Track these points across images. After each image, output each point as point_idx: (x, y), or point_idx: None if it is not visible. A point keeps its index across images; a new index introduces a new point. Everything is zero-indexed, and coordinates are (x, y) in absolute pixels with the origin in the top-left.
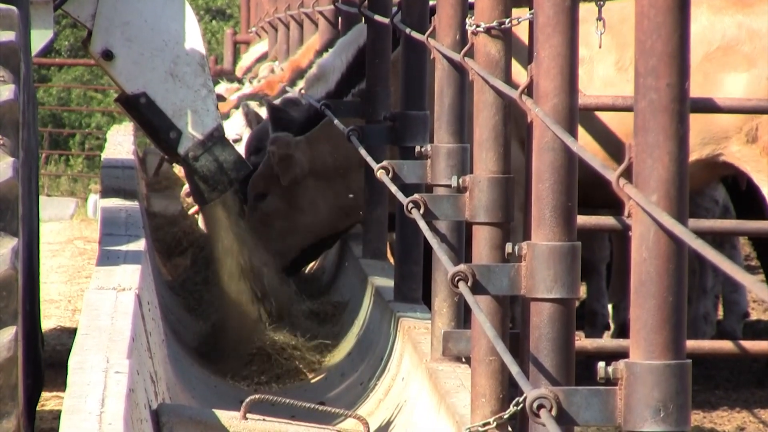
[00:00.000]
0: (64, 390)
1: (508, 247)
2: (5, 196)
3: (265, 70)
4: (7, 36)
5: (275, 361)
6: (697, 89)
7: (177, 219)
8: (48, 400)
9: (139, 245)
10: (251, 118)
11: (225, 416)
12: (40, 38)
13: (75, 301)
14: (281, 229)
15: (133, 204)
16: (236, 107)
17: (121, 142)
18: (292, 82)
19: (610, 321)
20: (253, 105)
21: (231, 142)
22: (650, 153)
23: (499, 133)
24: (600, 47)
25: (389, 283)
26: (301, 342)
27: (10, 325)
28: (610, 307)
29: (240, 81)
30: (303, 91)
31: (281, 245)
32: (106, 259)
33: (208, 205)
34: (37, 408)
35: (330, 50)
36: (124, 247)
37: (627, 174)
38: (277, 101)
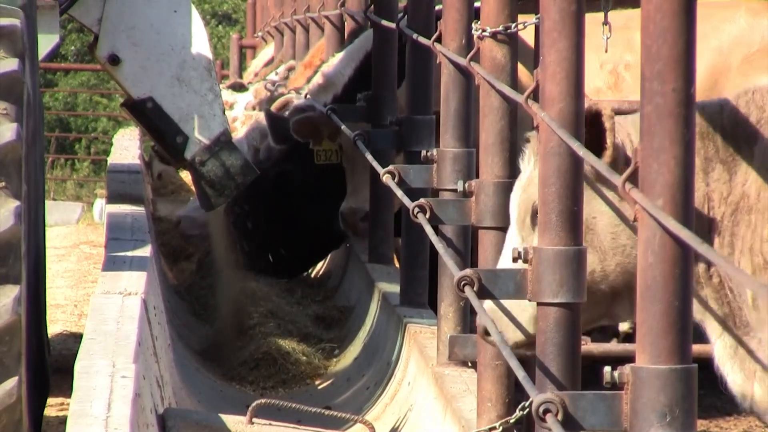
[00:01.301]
0: (70, 395)
1: (514, 252)
2: (8, 242)
3: (283, 71)
4: (10, 65)
5: (281, 365)
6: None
7: None
8: (54, 406)
9: (145, 250)
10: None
11: (231, 421)
12: (46, 43)
13: (81, 305)
14: None
15: (139, 209)
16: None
17: (127, 146)
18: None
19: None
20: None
21: (237, 146)
22: (656, 157)
23: (505, 138)
24: (606, 51)
25: (395, 287)
26: (307, 346)
27: (13, 373)
28: None
29: (242, 88)
30: (308, 96)
31: None
32: (112, 263)
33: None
34: (44, 413)
35: (335, 55)
36: (130, 252)
37: (633, 178)
38: (281, 106)
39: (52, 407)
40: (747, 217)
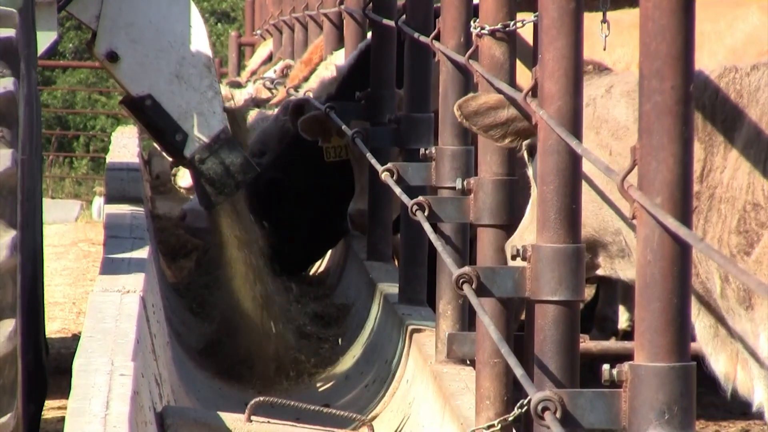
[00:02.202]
0: (68, 394)
1: (513, 250)
2: (4, 185)
3: (281, 69)
4: (6, 32)
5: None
6: None
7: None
8: (53, 404)
9: (144, 248)
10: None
11: (229, 418)
12: (44, 40)
13: (79, 303)
14: None
15: (137, 207)
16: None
17: (126, 144)
18: (306, 79)
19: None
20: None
21: (238, 144)
22: (655, 155)
23: None
24: (604, 49)
25: (394, 285)
26: (305, 344)
27: (9, 317)
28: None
29: (239, 87)
30: (311, 94)
31: None
32: (111, 261)
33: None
34: (42, 413)
35: (334, 53)
36: (128, 250)
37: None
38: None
39: (50, 405)
40: (718, 206)
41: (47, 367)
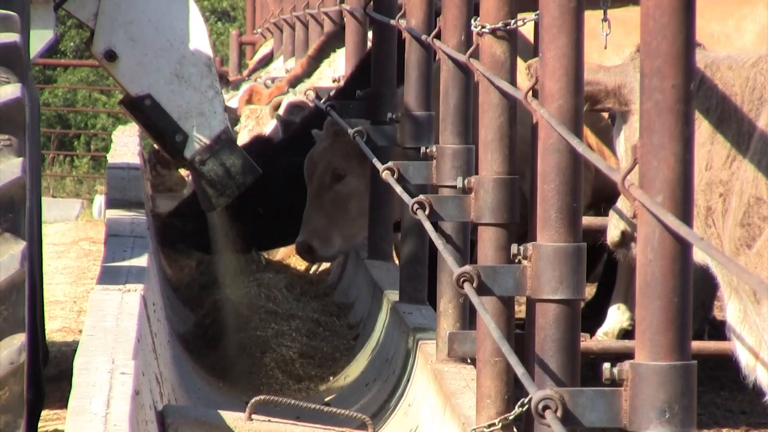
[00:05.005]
0: (68, 393)
1: (514, 248)
2: (14, 195)
3: (281, 67)
4: (10, 37)
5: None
6: None
7: None
8: (52, 405)
9: (145, 246)
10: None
11: (230, 417)
12: (40, 39)
13: (80, 302)
14: (355, 210)
15: (138, 205)
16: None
17: (126, 143)
18: (292, 84)
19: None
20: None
21: (238, 145)
22: (655, 154)
23: (505, 134)
24: (605, 47)
25: (395, 284)
26: (305, 343)
27: (20, 331)
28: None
29: (232, 86)
30: (312, 93)
31: (353, 228)
32: (112, 260)
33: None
34: (40, 416)
35: (336, 51)
36: (129, 249)
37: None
38: (276, 107)
39: (50, 405)
40: (731, 198)
41: (44, 378)
